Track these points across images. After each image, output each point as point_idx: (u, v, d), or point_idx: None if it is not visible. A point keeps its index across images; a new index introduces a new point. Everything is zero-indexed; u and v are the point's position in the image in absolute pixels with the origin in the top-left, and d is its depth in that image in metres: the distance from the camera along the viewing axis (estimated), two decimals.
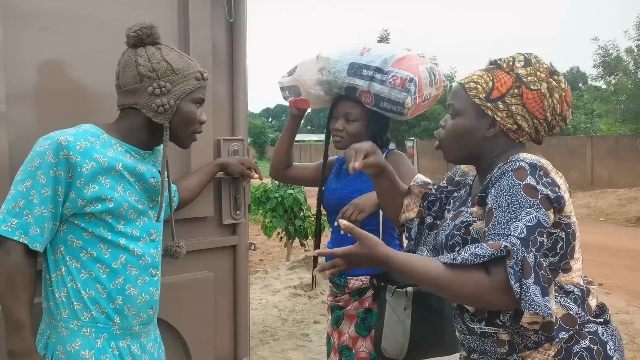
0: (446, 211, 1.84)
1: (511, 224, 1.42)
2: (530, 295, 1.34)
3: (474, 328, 1.61)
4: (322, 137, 2.83)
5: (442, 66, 32.64)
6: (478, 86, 1.63)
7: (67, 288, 1.71)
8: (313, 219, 8.25)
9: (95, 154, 1.70)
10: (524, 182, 1.46)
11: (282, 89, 2.69)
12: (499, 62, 1.66)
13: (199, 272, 2.40)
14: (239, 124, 2.48)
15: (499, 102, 1.60)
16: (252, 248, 2.56)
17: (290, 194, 7.88)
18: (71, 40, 2.04)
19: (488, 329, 1.57)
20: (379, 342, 2.29)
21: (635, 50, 19.42)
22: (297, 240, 8.43)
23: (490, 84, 1.62)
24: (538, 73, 1.59)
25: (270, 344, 5.08)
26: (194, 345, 2.34)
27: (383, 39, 31.52)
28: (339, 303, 2.56)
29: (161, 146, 1.88)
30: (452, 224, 1.67)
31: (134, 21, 1.80)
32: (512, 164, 1.50)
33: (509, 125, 1.61)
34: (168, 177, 1.95)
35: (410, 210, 1.95)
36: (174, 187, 2.12)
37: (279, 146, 2.76)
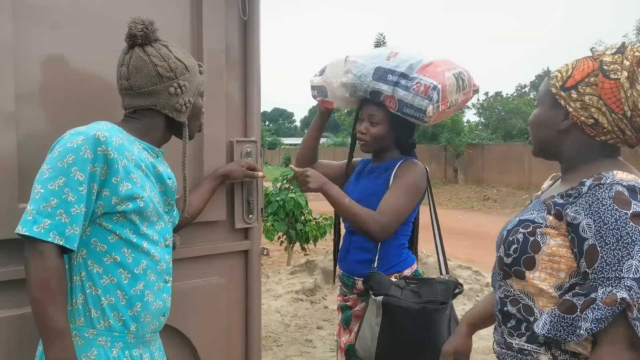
0: None
1: (623, 263, 1.24)
2: None
3: (512, 343, 1.50)
4: (320, 141, 2.84)
5: None
6: (558, 74, 1.50)
7: (85, 294, 1.63)
8: (314, 222, 8.21)
9: (126, 151, 1.64)
10: (632, 211, 1.27)
11: (312, 87, 2.72)
12: (593, 49, 1.49)
13: (210, 278, 2.32)
14: (253, 125, 2.41)
15: (573, 91, 1.44)
16: (265, 253, 2.48)
17: (292, 197, 7.80)
18: (82, 39, 1.97)
19: (528, 347, 1.46)
20: (354, 339, 2.35)
21: None
22: (297, 244, 8.36)
23: (570, 71, 1.47)
24: (625, 61, 1.38)
25: (273, 350, 5.00)
26: (204, 353, 2.26)
27: (380, 43, 31.58)
28: (348, 303, 2.58)
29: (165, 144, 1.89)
30: (517, 220, 1.53)
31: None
32: (607, 189, 1.32)
33: (583, 119, 1.43)
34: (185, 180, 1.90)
35: None
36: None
37: (304, 141, 2.82)
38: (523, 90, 57.99)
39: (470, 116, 49.03)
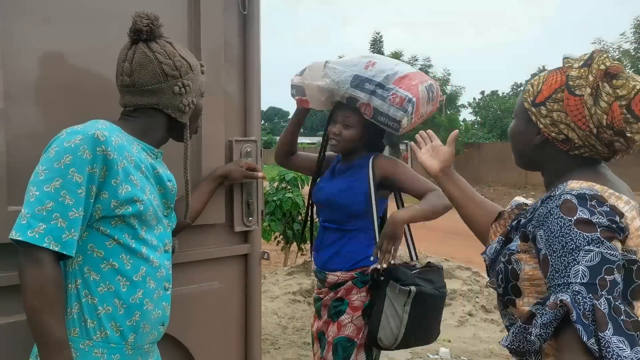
0: None
1: (570, 269, 1.22)
2: (614, 350, 1.13)
3: None
4: (314, 139, 2.99)
5: (435, 68, 32.81)
6: (530, 88, 1.48)
7: (81, 303, 1.54)
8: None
9: (125, 152, 1.56)
10: (575, 217, 1.25)
11: (292, 86, 2.81)
12: (565, 59, 1.46)
13: (208, 283, 2.23)
14: (252, 124, 2.31)
15: (542, 107, 1.43)
16: (265, 257, 2.40)
17: (289, 197, 7.72)
18: (74, 32, 1.87)
19: None
20: (376, 331, 2.45)
21: (633, 52, 19.36)
22: (294, 244, 8.27)
23: (540, 86, 1.46)
24: (589, 76, 1.36)
25: (271, 353, 4.91)
26: None
27: (376, 42, 31.56)
28: (320, 295, 2.75)
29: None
30: (494, 246, 1.53)
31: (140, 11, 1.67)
32: (556, 199, 1.30)
33: (553, 135, 1.43)
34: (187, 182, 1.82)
35: (496, 234, 1.66)
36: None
37: (283, 135, 3.01)
38: (519, 89, 58.10)
39: (467, 115, 49.07)
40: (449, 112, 26.86)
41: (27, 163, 1.63)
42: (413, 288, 2.43)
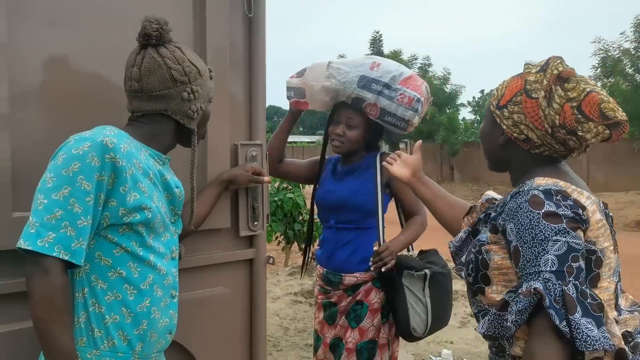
0: None
1: (540, 258, 1.32)
2: (583, 331, 1.23)
3: None
4: (314, 138, 3.01)
5: (435, 67, 32.80)
6: (495, 92, 1.61)
7: (88, 312, 1.52)
8: None
9: (134, 158, 1.54)
10: (543, 211, 1.36)
11: (289, 88, 2.80)
12: (525, 65, 1.59)
13: (212, 289, 2.21)
14: (258, 127, 2.29)
15: (504, 110, 1.56)
16: (271, 262, 2.38)
17: (290, 197, 7.69)
18: (80, 36, 1.84)
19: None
20: (407, 324, 2.52)
21: (633, 51, 19.24)
22: (295, 245, 8.24)
23: (503, 90, 1.58)
24: (544, 80, 1.48)
25: (273, 355, 4.89)
26: None
27: (376, 41, 31.52)
28: (332, 300, 2.72)
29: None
30: (460, 237, 1.65)
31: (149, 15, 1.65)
32: (525, 194, 1.41)
33: (515, 135, 1.55)
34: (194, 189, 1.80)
35: (466, 226, 1.75)
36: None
37: (273, 140, 2.89)
38: None
39: (466, 114, 49.08)
40: (448, 111, 26.86)
41: (33, 169, 1.62)
42: (427, 271, 2.55)
